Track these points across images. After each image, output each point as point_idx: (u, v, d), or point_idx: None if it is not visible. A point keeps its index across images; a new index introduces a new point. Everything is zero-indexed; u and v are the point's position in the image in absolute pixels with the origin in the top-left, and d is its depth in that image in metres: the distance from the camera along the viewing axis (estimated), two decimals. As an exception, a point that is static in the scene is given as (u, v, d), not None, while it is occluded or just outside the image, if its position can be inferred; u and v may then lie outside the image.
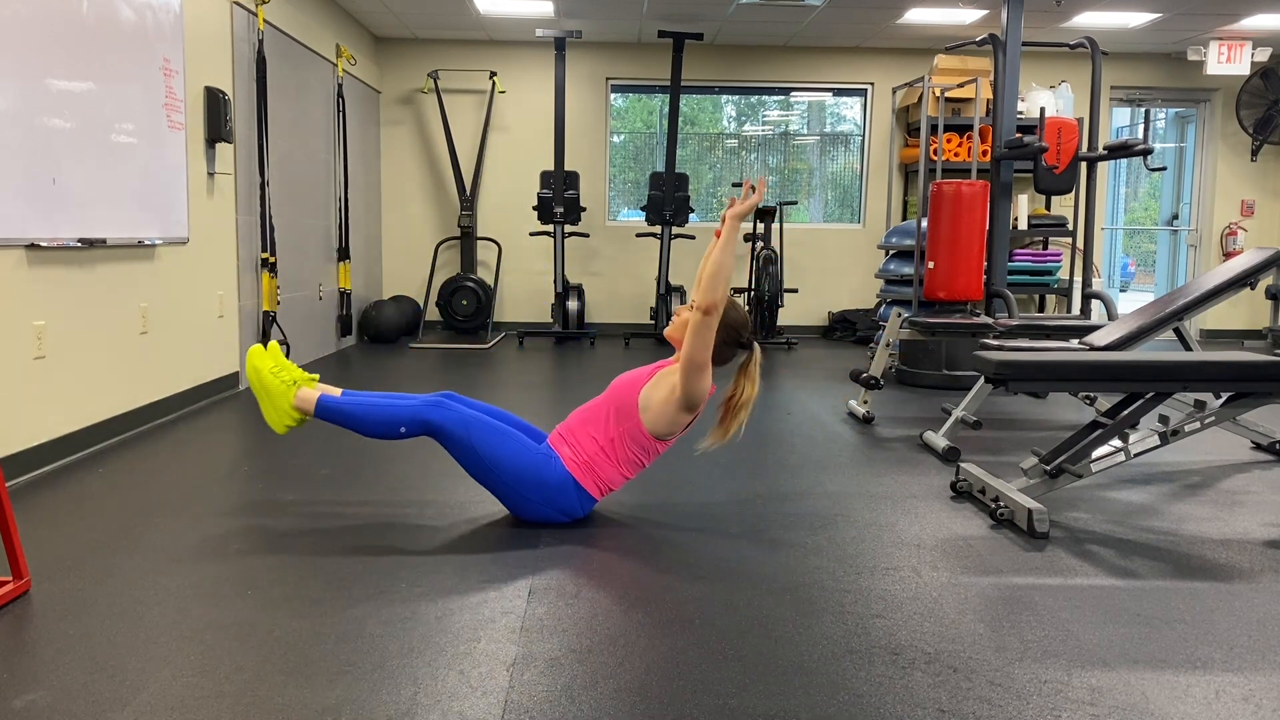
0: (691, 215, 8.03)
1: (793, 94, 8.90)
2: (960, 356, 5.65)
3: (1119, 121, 9.63)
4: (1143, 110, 8.03)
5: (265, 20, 5.46)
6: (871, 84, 8.65)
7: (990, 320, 4.68)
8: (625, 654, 2.02)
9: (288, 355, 5.66)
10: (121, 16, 3.88)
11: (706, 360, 2.72)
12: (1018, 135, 5.29)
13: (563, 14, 7.38)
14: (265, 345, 2.91)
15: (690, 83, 8.45)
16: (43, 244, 3.41)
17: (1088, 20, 7.33)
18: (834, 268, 8.74)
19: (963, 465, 3.35)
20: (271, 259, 5.48)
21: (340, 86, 7.02)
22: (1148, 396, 3.12)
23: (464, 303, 7.91)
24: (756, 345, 2.89)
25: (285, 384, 2.84)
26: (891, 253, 6.86)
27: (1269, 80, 8.55)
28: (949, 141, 7.81)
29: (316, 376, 2.92)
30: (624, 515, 3.01)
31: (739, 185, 8.44)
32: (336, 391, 2.88)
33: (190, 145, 4.55)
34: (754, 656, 2.01)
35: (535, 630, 2.13)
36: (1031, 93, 7.94)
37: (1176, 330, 4.21)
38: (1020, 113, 7.54)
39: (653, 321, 8.19)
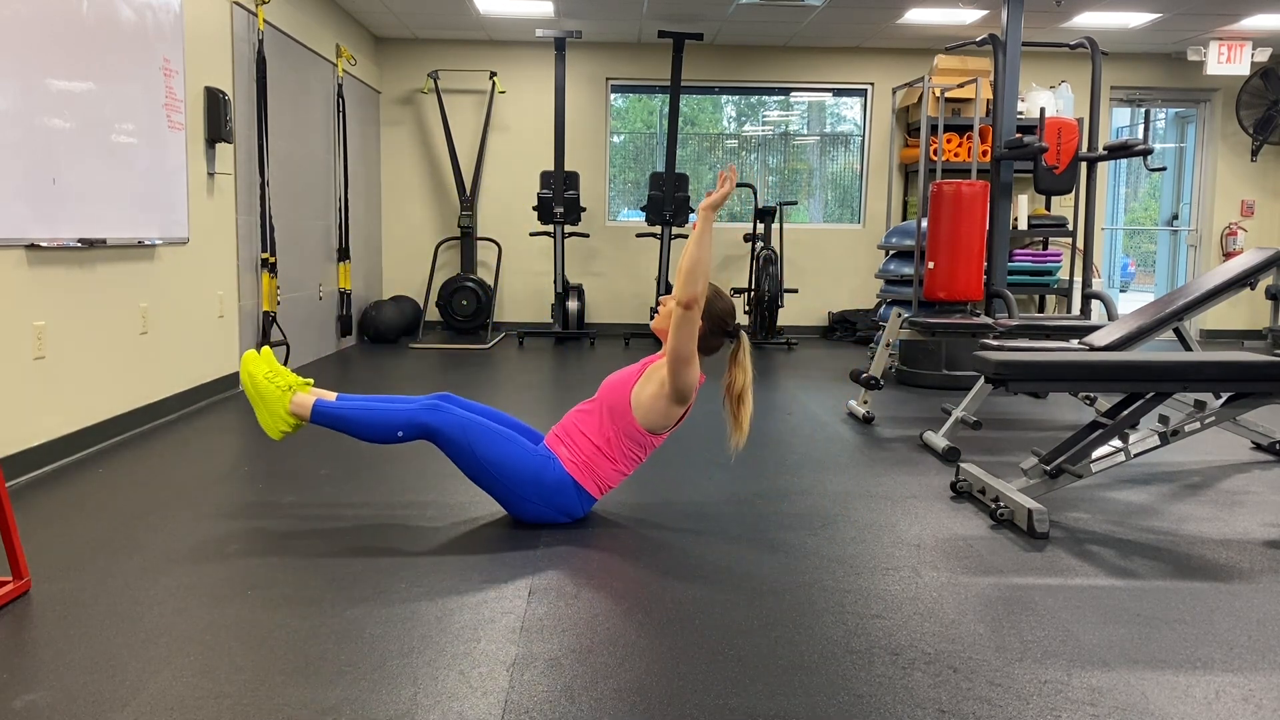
0: (691, 215, 8.02)
1: (793, 94, 8.90)
2: (960, 356, 5.65)
3: (1119, 121, 9.63)
4: (1143, 110, 8.03)
5: (265, 20, 5.46)
6: (871, 84, 8.65)
7: (990, 320, 4.68)
8: (625, 654, 2.02)
9: (287, 355, 5.68)
10: (121, 16, 3.88)
11: (692, 353, 2.72)
12: (1018, 135, 5.29)
13: (563, 14, 7.38)
14: (259, 350, 2.90)
15: (690, 83, 8.45)
16: (43, 244, 3.41)
17: (1088, 20, 7.33)
18: (834, 268, 8.74)
19: (963, 465, 3.35)
20: (271, 259, 5.48)
21: (340, 86, 7.02)
22: (1148, 397, 3.12)
23: (464, 303, 7.91)
24: (744, 333, 2.88)
25: (280, 389, 2.82)
26: (891, 253, 6.86)
27: (1269, 80, 8.55)
28: (949, 141, 7.81)
29: (311, 381, 2.91)
30: (624, 515, 3.01)
31: (740, 185, 8.45)
32: (332, 396, 2.86)
33: (190, 145, 4.55)
34: (754, 656, 2.01)
35: (535, 630, 2.13)
36: (1031, 93, 7.94)
37: (1176, 330, 4.21)
38: (1020, 113, 7.54)
39: (652, 322, 8.18)
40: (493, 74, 8.30)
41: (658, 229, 7.96)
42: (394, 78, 8.41)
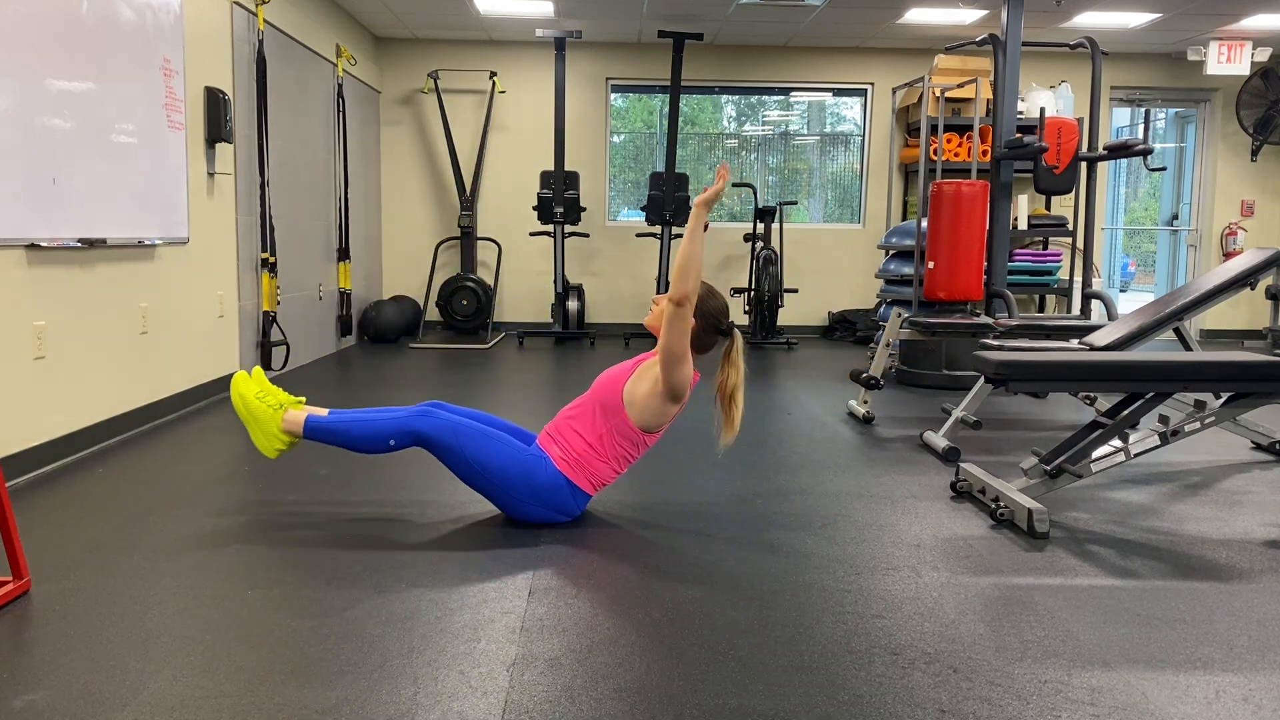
0: (691, 215, 8.01)
1: (793, 94, 8.90)
2: (960, 356, 5.65)
3: (1119, 121, 9.63)
4: (1143, 110, 8.03)
5: (265, 20, 5.46)
6: (871, 84, 8.65)
7: (990, 320, 4.68)
8: (625, 654, 2.02)
9: (287, 355, 5.68)
10: (121, 16, 3.88)
11: (684, 350, 2.72)
12: (1018, 135, 5.29)
13: (563, 14, 7.38)
14: (250, 371, 2.93)
15: (690, 83, 8.45)
16: (43, 244, 3.41)
17: (1088, 20, 7.33)
18: (834, 268, 8.74)
19: (963, 465, 3.35)
20: (271, 259, 5.48)
21: (340, 86, 7.02)
22: (1148, 396, 3.12)
23: (464, 303, 7.91)
24: (737, 331, 2.88)
25: (271, 408, 2.86)
26: (891, 253, 6.86)
27: (1269, 80, 8.54)
28: (949, 141, 7.81)
29: (304, 399, 2.93)
30: (624, 516, 3.01)
31: (740, 185, 8.45)
32: (323, 411, 2.89)
33: (190, 145, 4.55)
34: (754, 656, 2.01)
35: (535, 630, 2.13)
36: (1031, 93, 7.94)
37: (1176, 330, 4.21)
38: (1020, 113, 7.54)
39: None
40: (493, 74, 8.30)
41: (658, 229, 7.96)
42: (394, 78, 8.41)
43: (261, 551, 2.64)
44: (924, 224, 5.75)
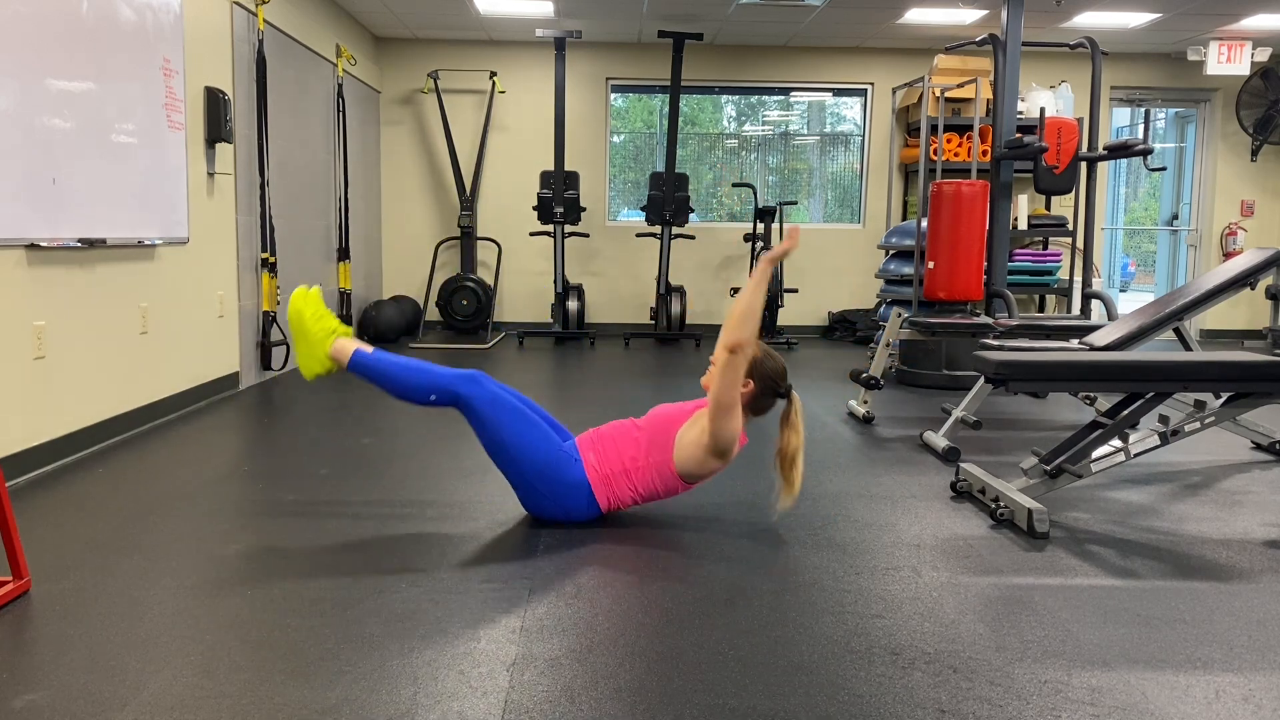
0: (691, 215, 8.03)
1: (793, 94, 8.90)
2: (960, 356, 5.65)
3: (1119, 121, 9.63)
4: (1143, 110, 8.03)
5: (265, 20, 5.46)
6: (871, 84, 8.65)
7: (990, 320, 4.68)
8: (625, 654, 2.02)
9: (287, 355, 5.68)
10: (121, 17, 3.88)
11: (734, 401, 2.68)
12: (1018, 135, 5.28)
13: (563, 14, 7.38)
14: (309, 289, 2.92)
15: (690, 83, 8.45)
16: (43, 244, 3.41)
17: (1088, 20, 7.33)
18: (834, 268, 8.74)
19: (963, 465, 3.35)
20: (271, 259, 5.48)
21: (340, 86, 7.02)
22: (1148, 396, 3.12)
23: (464, 303, 7.90)
24: (795, 395, 2.85)
25: (325, 331, 2.87)
26: (891, 253, 6.86)
27: (1269, 80, 8.54)
28: (949, 141, 7.81)
29: (352, 330, 2.92)
30: (624, 515, 3.01)
31: (740, 185, 8.46)
32: (369, 349, 2.90)
33: (190, 145, 4.55)
34: (754, 656, 2.01)
35: (535, 630, 2.13)
36: (1031, 93, 7.94)
37: (1176, 330, 4.21)
38: (1020, 113, 7.54)
39: (652, 322, 8.19)
40: (493, 74, 8.30)
41: (657, 229, 7.96)
42: (394, 78, 8.41)
43: (261, 552, 2.64)
44: (924, 224, 5.75)
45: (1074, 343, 3.94)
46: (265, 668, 1.94)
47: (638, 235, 8.31)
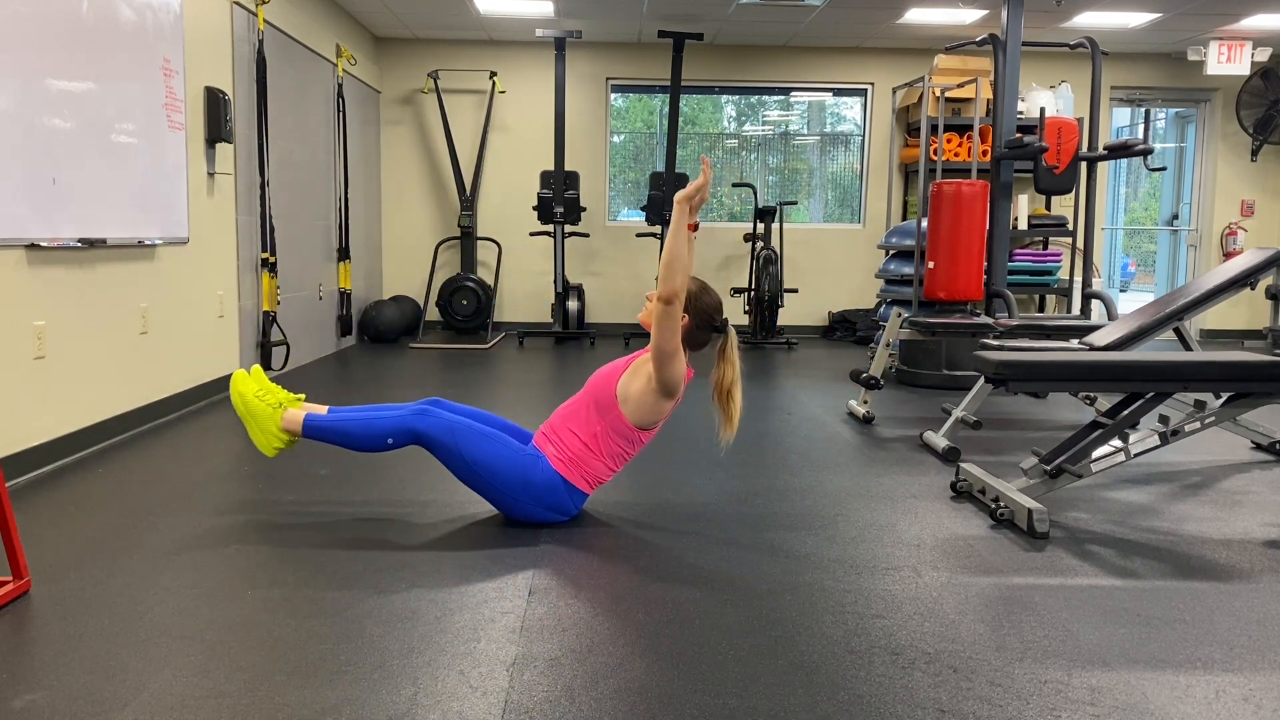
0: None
1: (793, 94, 8.90)
2: (960, 356, 5.65)
3: (1119, 121, 9.63)
4: (1143, 110, 8.03)
5: (265, 20, 5.46)
6: (871, 84, 8.65)
7: (990, 320, 4.68)
8: (625, 654, 2.02)
9: (287, 355, 5.68)
10: (121, 16, 3.88)
11: (675, 347, 2.71)
12: (1018, 135, 5.29)
13: (563, 14, 7.38)
14: (249, 370, 2.93)
15: (690, 83, 8.45)
16: (43, 244, 3.41)
17: (1088, 20, 7.33)
18: (834, 268, 8.74)
19: (963, 465, 3.35)
20: (271, 259, 5.48)
21: (340, 86, 7.02)
22: (1148, 396, 3.12)
23: (464, 303, 7.90)
24: (731, 328, 2.88)
25: (271, 407, 2.85)
26: (891, 253, 6.86)
27: (1269, 80, 8.54)
28: (949, 141, 7.81)
29: (303, 396, 2.92)
30: (624, 516, 3.01)
31: (740, 185, 8.45)
32: (323, 409, 2.89)
33: (190, 145, 4.55)
34: (754, 656, 2.01)
35: (535, 630, 2.13)
36: (1031, 93, 7.94)
37: (1176, 330, 4.21)
38: (1020, 113, 7.54)
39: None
40: (493, 74, 8.30)
41: (658, 229, 7.96)
42: (394, 78, 8.40)
43: (261, 551, 2.64)
44: (924, 224, 5.75)
45: (1074, 343, 3.94)
46: (265, 668, 1.94)
47: (638, 235, 8.31)
